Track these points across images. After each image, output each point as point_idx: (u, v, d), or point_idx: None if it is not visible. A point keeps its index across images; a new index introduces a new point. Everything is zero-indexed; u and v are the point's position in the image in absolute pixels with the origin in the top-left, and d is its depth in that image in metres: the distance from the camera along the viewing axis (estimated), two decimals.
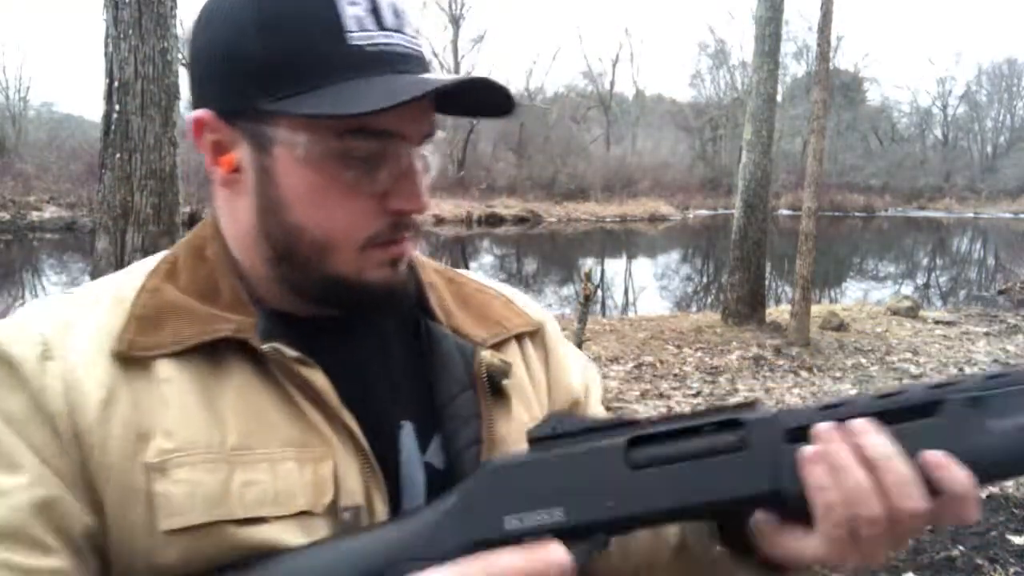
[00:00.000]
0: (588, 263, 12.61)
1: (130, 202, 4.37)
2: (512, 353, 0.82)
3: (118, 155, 4.36)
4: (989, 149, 51.21)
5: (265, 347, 0.65)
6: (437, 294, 0.80)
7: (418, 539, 0.62)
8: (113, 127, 4.37)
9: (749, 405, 0.65)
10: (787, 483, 0.60)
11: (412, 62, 0.66)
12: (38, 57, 68.74)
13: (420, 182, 0.68)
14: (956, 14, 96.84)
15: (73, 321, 0.66)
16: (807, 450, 0.59)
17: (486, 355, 0.76)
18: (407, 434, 0.74)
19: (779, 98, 12.85)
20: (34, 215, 20.84)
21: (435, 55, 36.95)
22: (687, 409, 5.35)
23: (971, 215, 40.53)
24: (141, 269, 0.73)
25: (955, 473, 0.57)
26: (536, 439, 0.64)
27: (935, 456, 0.57)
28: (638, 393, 5.71)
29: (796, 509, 0.60)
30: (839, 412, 0.61)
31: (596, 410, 0.94)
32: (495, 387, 0.76)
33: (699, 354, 7.10)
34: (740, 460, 0.61)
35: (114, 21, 4.30)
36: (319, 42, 0.62)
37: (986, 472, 0.58)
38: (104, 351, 0.64)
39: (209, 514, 0.62)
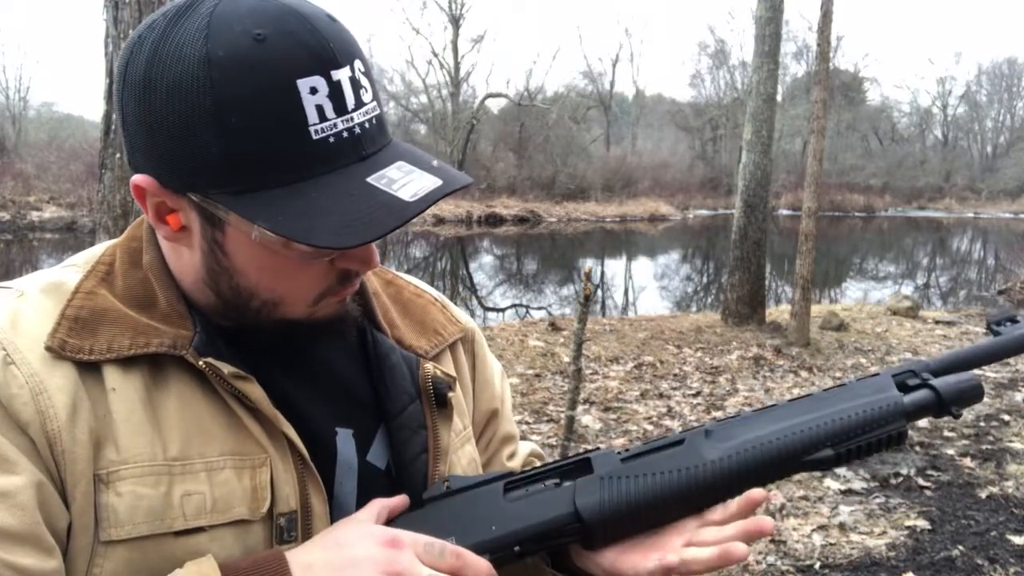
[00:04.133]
0: (588, 263, 12.62)
1: (130, 202, 4.36)
2: (448, 363, 0.86)
3: (118, 155, 4.36)
4: (989, 149, 51.19)
5: (200, 363, 0.66)
6: (381, 303, 0.83)
7: None
8: (113, 127, 4.36)
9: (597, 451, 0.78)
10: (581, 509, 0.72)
11: (372, 134, 0.64)
12: (38, 57, 68.73)
13: (373, 246, 0.68)
14: (956, 14, 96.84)
15: (17, 320, 0.65)
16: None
17: (430, 368, 0.80)
18: (344, 440, 0.75)
19: (779, 98, 12.85)
20: (34, 215, 20.83)
21: (435, 55, 36.93)
22: (687, 409, 5.34)
23: (971, 215, 40.53)
24: (75, 269, 0.72)
25: None
26: (430, 499, 0.74)
27: None
28: (638, 393, 5.71)
29: (588, 531, 0.72)
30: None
31: (508, 423, 0.99)
32: (440, 398, 0.80)
33: (699, 354, 7.10)
34: (559, 492, 0.73)
35: (114, 21, 4.30)
36: (279, 138, 0.59)
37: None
38: (44, 351, 0.64)
39: (150, 527, 0.63)
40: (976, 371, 0.78)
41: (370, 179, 0.62)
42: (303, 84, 0.59)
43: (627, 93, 50.87)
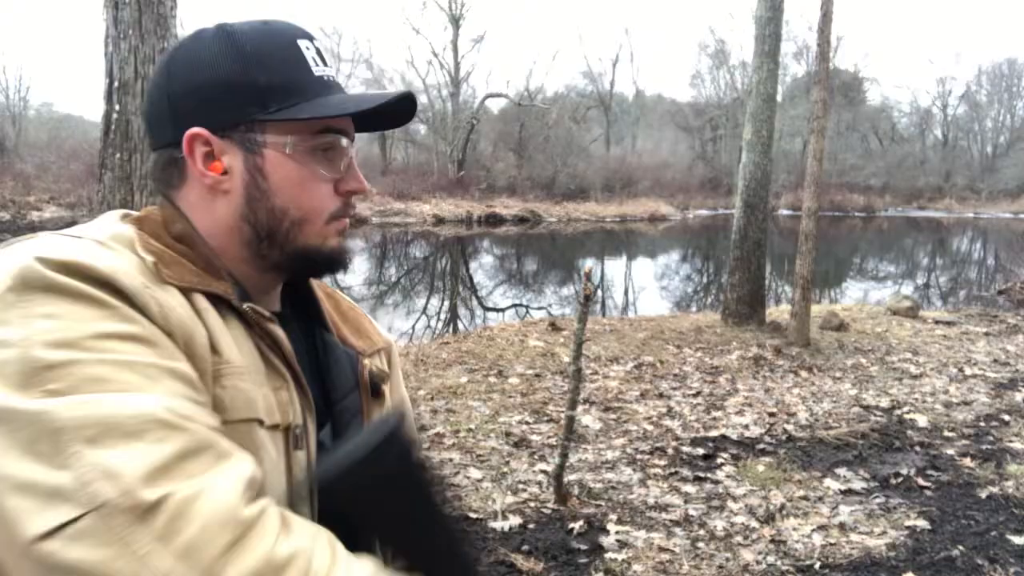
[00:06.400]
0: (588, 263, 12.63)
1: (130, 202, 4.36)
2: (380, 362, 1.02)
3: (118, 155, 4.36)
4: (989, 149, 51.19)
5: (245, 306, 0.80)
6: (326, 308, 0.99)
7: None
8: (113, 127, 4.37)
9: None
10: None
11: (340, 87, 0.88)
12: (38, 57, 68.68)
13: (358, 169, 0.89)
14: (956, 14, 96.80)
15: (115, 259, 0.73)
16: None
17: (367, 362, 0.96)
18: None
19: (779, 98, 12.84)
20: (34, 215, 20.84)
21: (435, 55, 36.92)
22: (687, 409, 5.34)
23: (971, 215, 40.54)
24: (119, 223, 0.81)
25: None
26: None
27: None
28: (638, 393, 5.71)
29: None
30: None
31: (411, 430, 1.08)
32: (375, 389, 0.96)
33: (699, 354, 7.09)
34: None
35: (114, 21, 4.30)
36: (296, 73, 0.84)
37: None
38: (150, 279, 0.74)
39: (245, 413, 0.76)
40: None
41: (352, 93, 0.87)
42: (300, 43, 0.86)
43: (627, 93, 50.92)
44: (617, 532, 3.38)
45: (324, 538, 0.68)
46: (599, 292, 14.56)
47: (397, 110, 0.88)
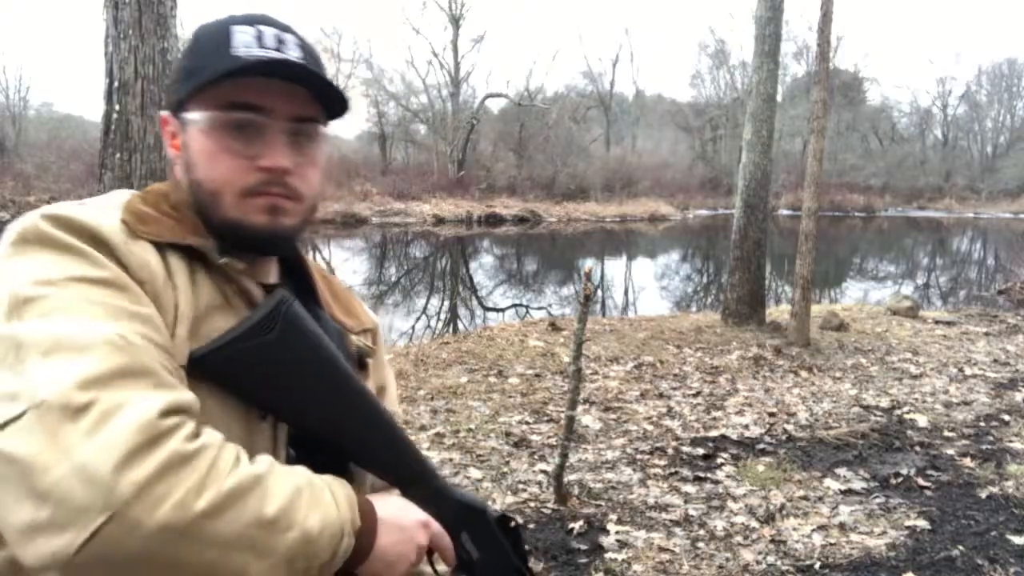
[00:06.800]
0: (588, 263, 12.64)
1: None
2: (367, 340, 1.10)
3: (118, 155, 4.36)
4: (989, 149, 51.17)
5: (221, 260, 0.88)
6: (321, 287, 1.06)
7: None
8: (113, 127, 4.37)
9: None
10: None
11: (293, 69, 0.89)
12: (38, 57, 68.66)
13: (283, 147, 0.90)
14: (956, 14, 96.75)
15: (100, 217, 0.84)
16: None
17: (355, 338, 1.05)
18: None
19: (779, 98, 12.84)
20: None
21: (435, 55, 36.92)
22: (687, 409, 5.34)
23: (971, 215, 40.54)
24: (122, 193, 0.92)
25: None
26: None
27: None
28: (638, 393, 5.71)
29: None
30: None
31: (393, 404, 1.19)
32: (361, 363, 1.06)
33: (699, 354, 7.09)
34: None
35: (114, 21, 4.30)
36: (212, 54, 0.89)
37: None
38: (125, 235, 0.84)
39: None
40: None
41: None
42: (236, 28, 0.91)
43: (627, 93, 50.92)
44: (617, 532, 3.38)
45: (232, 447, 0.75)
46: (599, 292, 14.56)
47: (321, 91, 0.91)
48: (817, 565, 3.15)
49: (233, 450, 0.75)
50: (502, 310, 13.19)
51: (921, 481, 4.10)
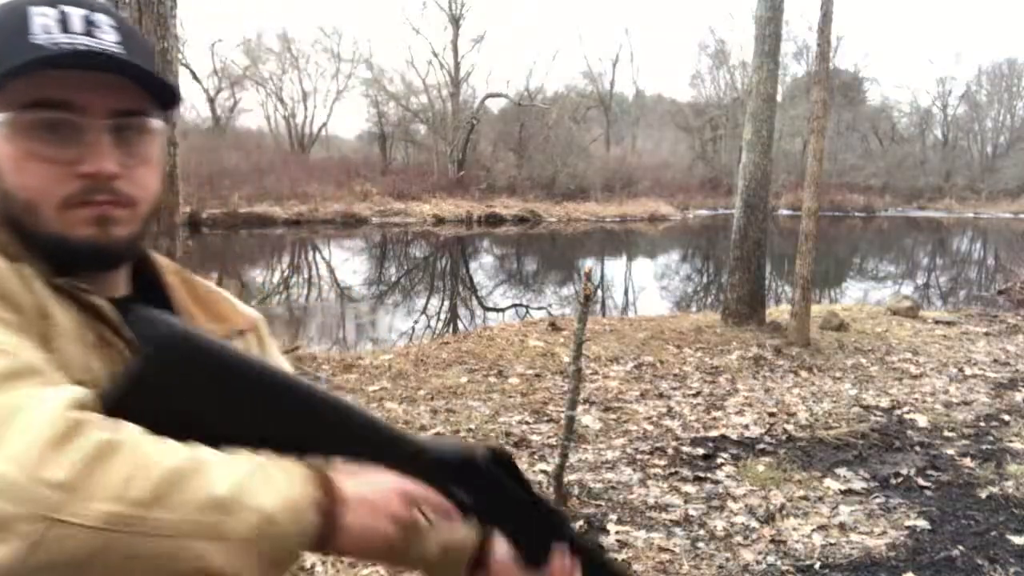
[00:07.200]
0: (588, 263, 12.63)
1: None
2: (238, 345, 0.99)
3: None
4: (989, 149, 51.14)
5: (59, 281, 0.78)
6: (178, 294, 0.94)
7: None
8: None
9: None
10: None
11: (105, 58, 0.78)
12: None
13: (106, 149, 0.79)
14: (956, 14, 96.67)
15: None
16: None
17: None
18: None
19: (779, 98, 12.84)
20: None
21: (435, 55, 36.93)
22: (687, 409, 5.34)
23: (971, 215, 40.53)
24: None
25: None
26: None
27: None
28: (638, 393, 5.71)
29: None
30: None
31: None
32: None
33: (699, 354, 7.09)
34: None
35: None
36: (9, 44, 0.77)
37: None
38: None
39: (80, 373, 0.75)
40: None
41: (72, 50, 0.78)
42: (33, 10, 0.78)
43: (627, 93, 50.88)
44: (617, 532, 3.38)
45: (151, 436, 0.70)
46: (599, 292, 14.57)
47: (143, 81, 0.80)
48: (817, 565, 3.15)
49: (154, 436, 0.68)
50: (502, 310, 13.20)
51: (921, 481, 4.10)
